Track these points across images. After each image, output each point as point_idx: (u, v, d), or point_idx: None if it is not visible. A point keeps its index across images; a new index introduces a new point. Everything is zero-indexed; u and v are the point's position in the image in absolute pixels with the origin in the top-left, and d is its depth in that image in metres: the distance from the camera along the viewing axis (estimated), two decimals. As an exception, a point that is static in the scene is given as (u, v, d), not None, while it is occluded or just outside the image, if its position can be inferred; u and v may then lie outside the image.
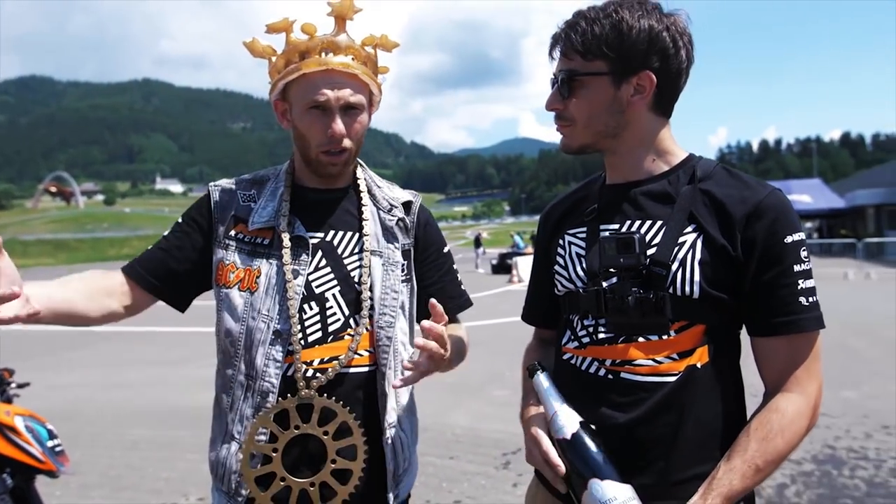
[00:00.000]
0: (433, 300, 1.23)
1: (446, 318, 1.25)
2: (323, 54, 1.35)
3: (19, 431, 2.07)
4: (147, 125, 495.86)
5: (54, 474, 2.16)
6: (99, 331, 11.44)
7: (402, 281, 1.46)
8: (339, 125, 1.35)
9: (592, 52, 1.14)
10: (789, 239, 1.09)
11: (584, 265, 1.22)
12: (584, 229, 1.25)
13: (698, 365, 1.12)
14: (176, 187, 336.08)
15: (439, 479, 4.05)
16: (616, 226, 1.20)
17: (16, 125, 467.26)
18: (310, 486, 1.32)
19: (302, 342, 1.34)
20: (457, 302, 1.57)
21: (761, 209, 1.09)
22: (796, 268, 1.09)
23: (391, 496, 1.42)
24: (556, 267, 1.29)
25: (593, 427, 1.11)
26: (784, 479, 3.85)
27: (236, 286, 1.38)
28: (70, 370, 7.90)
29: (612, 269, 1.15)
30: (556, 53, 1.21)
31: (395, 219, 1.48)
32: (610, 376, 1.15)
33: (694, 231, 1.12)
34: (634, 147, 1.20)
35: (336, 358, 1.36)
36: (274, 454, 1.32)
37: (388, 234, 1.46)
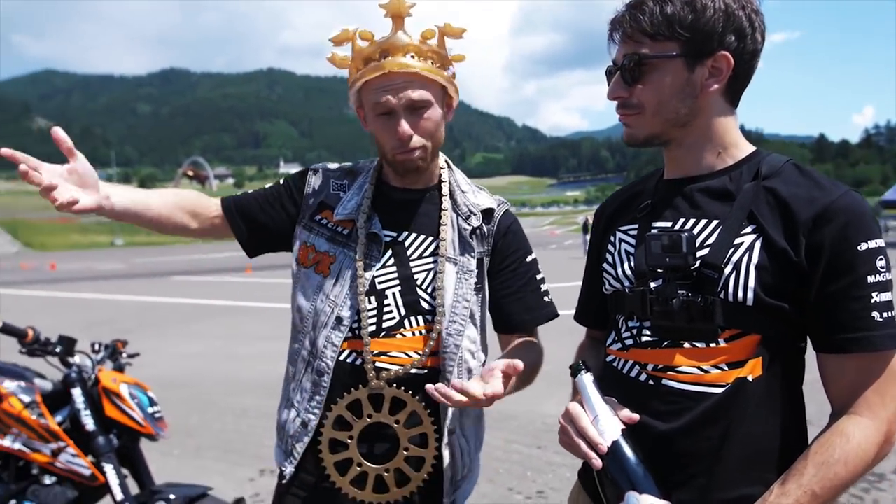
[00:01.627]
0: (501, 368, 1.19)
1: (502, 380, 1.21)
2: (381, 58, 1.35)
3: (123, 398, 2.29)
4: (271, 112, 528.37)
5: (154, 438, 2.38)
6: (219, 304, 12.41)
7: (474, 290, 1.45)
8: (404, 127, 1.35)
9: (663, 34, 1.05)
10: (864, 246, 0.97)
11: (632, 264, 1.15)
12: (636, 226, 1.18)
13: (750, 378, 1.03)
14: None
15: (524, 467, 4.03)
16: (668, 223, 1.12)
17: (158, 115, 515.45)
18: (385, 472, 1.38)
19: (359, 332, 1.38)
20: (534, 314, 1.50)
21: (832, 211, 0.98)
22: (870, 279, 0.97)
23: (447, 501, 1.43)
24: (605, 265, 1.23)
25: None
26: (906, 498, 3.47)
27: (312, 268, 1.46)
28: (192, 341, 8.63)
29: (658, 270, 1.08)
30: (617, 38, 1.12)
31: (471, 227, 1.46)
32: (651, 382, 1.09)
33: (753, 232, 1.03)
34: (700, 138, 1.11)
35: (387, 353, 1.39)
36: (350, 441, 1.38)
37: (464, 242, 1.45)
